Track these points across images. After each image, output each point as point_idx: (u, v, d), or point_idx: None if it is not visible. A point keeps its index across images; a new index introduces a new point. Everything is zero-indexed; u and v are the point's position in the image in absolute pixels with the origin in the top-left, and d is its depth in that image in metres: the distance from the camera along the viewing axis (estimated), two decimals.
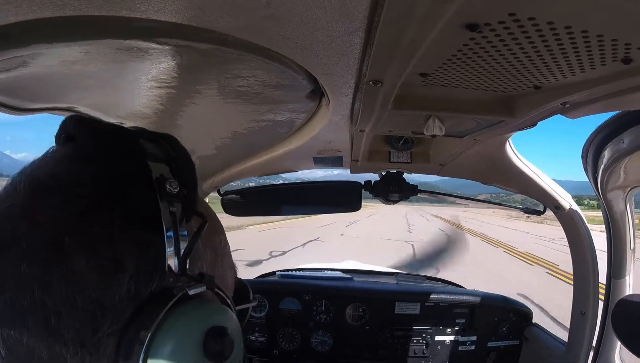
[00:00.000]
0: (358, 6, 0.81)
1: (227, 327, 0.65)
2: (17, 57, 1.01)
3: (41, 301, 0.58)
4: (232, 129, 1.96)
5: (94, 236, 0.62)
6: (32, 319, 0.58)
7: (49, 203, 0.63)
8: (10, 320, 0.58)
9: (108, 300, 0.61)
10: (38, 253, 0.59)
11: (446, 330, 3.32)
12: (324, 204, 3.14)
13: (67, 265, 0.59)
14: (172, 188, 0.67)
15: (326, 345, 3.31)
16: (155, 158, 0.70)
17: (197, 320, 0.64)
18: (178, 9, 0.85)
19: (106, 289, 0.61)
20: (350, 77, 1.17)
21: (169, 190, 0.66)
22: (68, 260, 0.59)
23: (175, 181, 0.67)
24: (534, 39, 0.87)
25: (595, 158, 1.90)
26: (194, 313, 0.64)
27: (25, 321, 0.58)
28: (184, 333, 0.62)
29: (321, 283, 3.51)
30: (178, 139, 0.81)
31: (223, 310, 0.69)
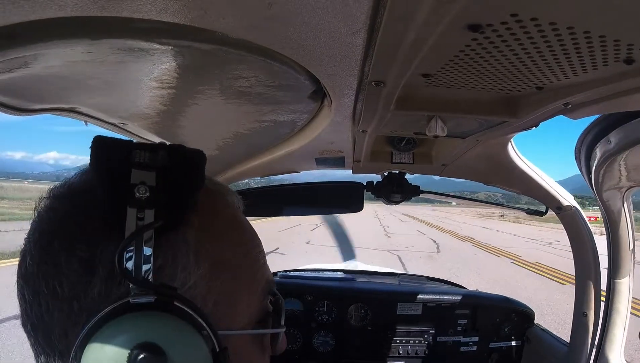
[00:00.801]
0: (360, 7, 0.81)
1: (161, 345, 0.61)
2: (19, 58, 1.01)
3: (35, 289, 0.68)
4: (234, 129, 1.96)
5: (73, 239, 0.67)
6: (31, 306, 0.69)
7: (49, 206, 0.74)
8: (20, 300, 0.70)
9: (83, 296, 0.65)
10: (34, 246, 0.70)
11: (448, 330, 3.32)
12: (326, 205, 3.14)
13: (52, 258, 0.67)
14: (141, 194, 0.66)
15: (328, 346, 3.31)
16: (144, 166, 0.68)
17: (128, 332, 0.61)
18: (180, 10, 0.85)
19: (81, 285, 0.65)
20: (353, 78, 1.17)
21: (138, 196, 0.66)
22: (52, 253, 0.67)
23: (146, 186, 0.66)
24: (536, 39, 0.87)
25: (587, 158, 1.90)
26: (127, 324, 0.62)
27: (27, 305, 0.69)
28: (112, 344, 0.60)
29: (323, 283, 3.52)
30: (179, 139, 0.82)
31: (164, 325, 0.63)
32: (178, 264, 0.69)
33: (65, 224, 0.69)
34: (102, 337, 0.60)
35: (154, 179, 0.67)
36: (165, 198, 0.67)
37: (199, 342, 0.64)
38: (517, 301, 3.50)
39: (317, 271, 4.15)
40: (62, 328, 0.66)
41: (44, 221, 0.72)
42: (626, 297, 2.39)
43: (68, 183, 0.77)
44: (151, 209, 0.66)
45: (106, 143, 0.71)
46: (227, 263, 0.78)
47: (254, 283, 0.83)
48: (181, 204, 0.71)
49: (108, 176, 0.68)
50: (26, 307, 0.69)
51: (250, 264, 0.83)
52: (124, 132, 1.90)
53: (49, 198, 0.75)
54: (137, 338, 0.60)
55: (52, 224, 0.71)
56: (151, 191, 0.66)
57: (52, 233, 0.69)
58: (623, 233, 2.29)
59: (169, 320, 0.63)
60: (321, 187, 2.98)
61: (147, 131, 1.91)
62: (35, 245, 0.70)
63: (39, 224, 0.72)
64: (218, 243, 0.77)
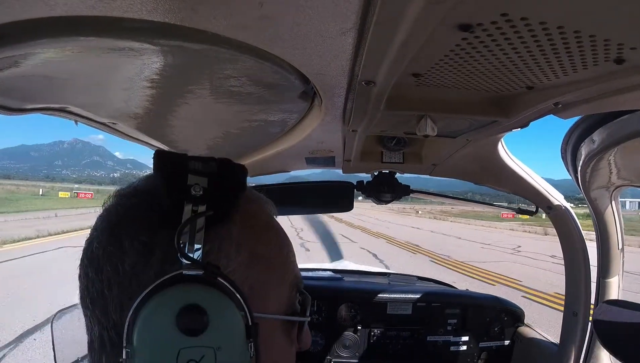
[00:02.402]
0: (351, 6, 0.80)
1: (204, 306, 0.73)
2: (9, 58, 1.01)
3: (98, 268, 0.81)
4: (224, 129, 1.96)
5: (137, 227, 0.81)
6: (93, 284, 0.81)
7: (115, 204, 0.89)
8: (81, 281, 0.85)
9: (141, 275, 0.78)
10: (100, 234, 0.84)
11: (438, 330, 3.33)
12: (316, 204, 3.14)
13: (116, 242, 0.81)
14: (196, 192, 0.80)
15: (318, 346, 3.30)
16: (198, 172, 0.83)
17: (178, 296, 0.73)
18: (170, 9, 0.85)
19: (140, 265, 0.79)
20: (343, 77, 1.17)
21: (193, 194, 0.80)
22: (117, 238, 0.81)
23: (200, 187, 0.80)
24: (526, 39, 0.87)
25: (573, 157, 1.91)
26: (176, 291, 0.74)
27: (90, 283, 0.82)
28: (163, 306, 0.73)
29: (313, 283, 3.51)
30: (169, 139, 0.96)
31: (208, 293, 0.75)
32: (222, 252, 0.83)
33: (131, 215, 0.84)
34: (157, 300, 0.73)
35: (206, 183, 0.82)
36: (214, 197, 0.82)
37: (235, 312, 0.76)
38: (507, 301, 3.51)
39: (307, 270, 4.14)
40: (119, 302, 0.78)
41: (112, 214, 0.86)
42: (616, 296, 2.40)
43: (133, 185, 0.92)
44: (203, 205, 0.80)
45: (167, 155, 0.89)
46: (262, 257, 0.90)
47: (284, 276, 0.95)
48: (227, 204, 0.85)
49: (170, 178, 0.83)
50: (87, 284, 0.83)
51: (282, 260, 0.96)
52: (114, 131, 1.89)
53: (115, 196, 0.90)
54: (185, 300, 0.73)
55: (118, 215, 0.85)
56: (204, 191, 0.81)
57: (119, 222, 0.84)
58: (612, 232, 2.30)
59: (212, 291, 0.75)
60: (311, 187, 2.98)
61: (137, 130, 1.91)
62: (102, 232, 0.84)
63: (107, 216, 0.86)
64: (255, 239, 0.90)
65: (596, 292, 2.46)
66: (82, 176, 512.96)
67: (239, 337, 0.76)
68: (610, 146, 1.57)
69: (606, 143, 1.58)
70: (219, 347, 0.73)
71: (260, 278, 0.88)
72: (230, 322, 0.75)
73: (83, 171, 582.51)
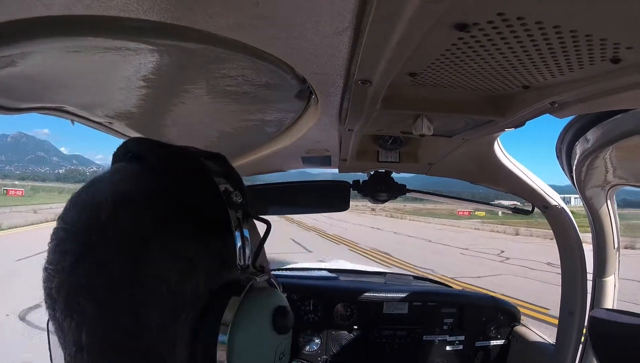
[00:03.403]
0: (347, 6, 0.80)
1: (286, 306, 0.82)
2: (6, 57, 1.01)
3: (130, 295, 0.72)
4: (221, 128, 1.96)
5: (173, 240, 0.75)
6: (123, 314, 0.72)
7: (135, 212, 0.76)
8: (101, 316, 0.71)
9: (186, 292, 0.75)
10: (126, 252, 0.72)
11: (434, 329, 3.32)
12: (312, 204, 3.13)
13: (152, 262, 0.73)
14: (237, 199, 0.82)
15: (314, 345, 3.30)
16: (217, 174, 0.84)
17: (266, 302, 0.80)
18: (167, 9, 0.85)
19: (183, 283, 0.75)
20: (339, 76, 1.17)
21: (235, 200, 0.81)
22: (153, 258, 0.73)
23: (238, 192, 0.83)
24: (522, 38, 0.87)
25: (568, 156, 1.91)
26: (263, 297, 0.81)
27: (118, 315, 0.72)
28: (257, 313, 0.78)
29: (309, 282, 3.51)
30: (166, 138, 0.93)
31: (281, 294, 0.85)
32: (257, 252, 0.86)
33: (160, 226, 0.76)
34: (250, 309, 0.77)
35: (231, 187, 0.83)
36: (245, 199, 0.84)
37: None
38: (503, 301, 3.51)
39: (303, 270, 4.14)
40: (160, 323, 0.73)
41: (128, 225, 0.75)
42: (612, 296, 2.41)
43: (140, 187, 0.81)
44: (241, 210, 0.82)
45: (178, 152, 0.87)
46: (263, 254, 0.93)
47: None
48: (249, 205, 0.86)
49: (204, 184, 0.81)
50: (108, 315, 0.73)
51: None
52: (110, 131, 1.89)
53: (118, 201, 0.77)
54: (273, 304, 0.81)
55: (142, 228, 0.75)
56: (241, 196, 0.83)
57: (145, 235, 0.74)
58: (608, 231, 2.30)
59: (277, 289, 0.86)
60: (307, 186, 2.98)
61: (133, 130, 1.91)
62: (122, 247, 0.73)
63: (121, 228, 0.74)
64: (257, 234, 0.92)
65: (592, 291, 2.46)
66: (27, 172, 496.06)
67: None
68: (605, 145, 1.57)
69: (600, 142, 1.58)
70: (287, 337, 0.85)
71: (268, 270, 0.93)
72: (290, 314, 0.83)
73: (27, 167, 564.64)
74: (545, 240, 35.54)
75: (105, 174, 0.85)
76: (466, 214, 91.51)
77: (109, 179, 0.83)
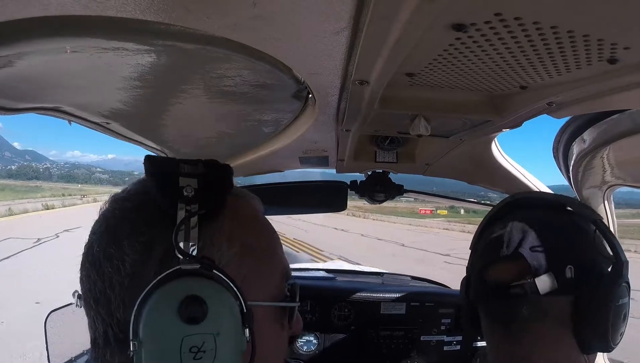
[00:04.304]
0: (344, 6, 0.80)
1: (202, 296, 0.79)
2: (3, 57, 1.01)
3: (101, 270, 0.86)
4: (218, 128, 1.96)
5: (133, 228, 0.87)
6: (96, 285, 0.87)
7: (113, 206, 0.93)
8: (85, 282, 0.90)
9: (142, 273, 0.84)
10: (101, 236, 0.90)
11: (432, 330, 3.31)
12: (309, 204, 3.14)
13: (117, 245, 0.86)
14: (188, 193, 0.86)
15: (311, 345, 3.29)
16: (187, 174, 0.90)
17: (177, 288, 0.79)
18: (164, 9, 0.84)
19: (139, 265, 0.84)
20: (336, 77, 1.17)
21: (186, 194, 0.86)
22: (117, 241, 0.86)
23: (192, 188, 0.87)
24: (520, 39, 0.88)
25: (565, 156, 1.91)
26: (176, 284, 0.80)
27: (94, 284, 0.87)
28: (165, 298, 0.78)
29: (306, 283, 3.49)
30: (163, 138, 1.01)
31: (205, 284, 0.81)
32: (215, 246, 0.89)
33: (128, 217, 0.89)
34: (159, 293, 0.79)
35: (196, 184, 0.88)
36: (205, 196, 0.88)
37: (231, 301, 0.83)
38: None
39: (300, 270, 4.14)
40: (121, 300, 0.84)
41: (109, 217, 0.91)
42: None
43: (127, 189, 0.97)
44: (196, 204, 0.86)
45: (158, 159, 0.95)
46: (253, 248, 0.97)
47: (274, 266, 1.01)
48: (216, 202, 0.91)
49: (163, 181, 0.89)
50: (90, 285, 0.87)
51: (272, 251, 1.03)
52: (107, 131, 1.89)
53: (110, 201, 0.95)
54: (185, 292, 0.79)
55: (116, 218, 0.90)
56: (195, 191, 0.87)
57: (117, 225, 0.89)
58: None
59: (209, 282, 0.82)
60: (304, 186, 2.98)
61: (130, 130, 1.91)
62: (102, 235, 0.89)
63: (105, 220, 0.91)
64: (245, 231, 0.97)
65: None
66: None
67: (236, 324, 0.83)
68: (601, 145, 1.58)
69: (597, 142, 1.59)
70: (218, 333, 0.80)
71: (253, 268, 0.95)
72: (227, 310, 0.82)
73: None
74: None
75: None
76: (428, 212, 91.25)
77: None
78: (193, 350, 0.79)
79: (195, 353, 0.79)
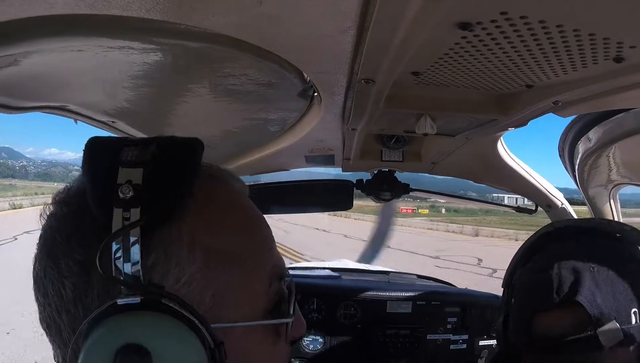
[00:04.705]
0: (350, 5, 0.80)
1: (146, 345, 0.61)
2: (9, 56, 1.01)
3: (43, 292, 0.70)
4: (224, 127, 1.96)
5: (70, 243, 0.68)
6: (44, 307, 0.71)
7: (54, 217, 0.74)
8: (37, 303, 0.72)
9: (85, 299, 0.67)
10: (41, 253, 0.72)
11: (438, 328, 3.31)
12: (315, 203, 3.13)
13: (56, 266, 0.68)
14: (125, 194, 0.65)
15: (317, 344, 3.29)
16: (131, 164, 0.69)
17: (113, 334, 0.62)
18: (169, 8, 0.85)
19: (83, 289, 0.67)
20: (342, 75, 1.17)
21: (122, 197, 0.65)
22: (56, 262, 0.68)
23: (130, 186, 0.66)
24: (525, 37, 0.87)
25: (570, 155, 1.91)
26: (112, 326, 0.62)
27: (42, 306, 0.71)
28: (96, 349, 0.61)
29: (312, 281, 3.49)
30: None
31: (149, 324, 0.63)
32: (171, 259, 0.68)
33: (63, 228, 0.70)
34: (92, 340, 0.61)
35: (140, 177, 0.67)
36: (151, 194, 0.67)
37: (190, 338, 0.63)
38: None
39: (305, 269, 4.13)
40: (71, 328, 0.67)
41: (47, 227, 0.73)
42: None
43: (68, 187, 0.77)
44: (137, 208, 0.65)
45: (97, 143, 0.75)
46: (226, 253, 0.75)
47: (258, 270, 0.80)
48: (169, 199, 0.69)
49: (95, 177, 0.70)
50: (40, 308, 0.72)
51: (254, 251, 0.81)
52: (113, 130, 1.89)
53: (52, 204, 0.75)
54: (121, 340, 0.61)
55: (52, 230, 0.72)
56: (135, 189, 0.66)
57: (53, 238, 0.70)
58: None
59: (156, 319, 0.63)
60: (310, 185, 2.98)
61: (136, 129, 1.91)
62: (41, 250, 0.72)
63: (43, 231, 0.73)
64: (216, 232, 0.76)
65: None
66: None
67: None
68: (607, 144, 1.58)
69: (602, 141, 1.58)
70: None
71: (226, 280, 0.74)
72: (182, 355, 0.63)
73: None
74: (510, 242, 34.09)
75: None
76: (410, 211, 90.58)
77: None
78: None
79: None
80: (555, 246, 1.32)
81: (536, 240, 1.39)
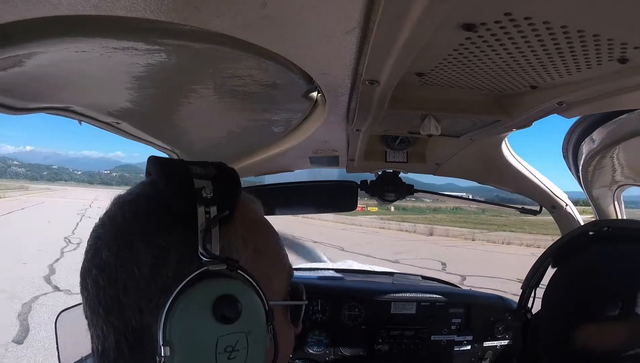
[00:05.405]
0: (354, 6, 0.80)
1: (235, 296, 0.80)
2: (14, 57, 1.01)
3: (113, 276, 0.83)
4: (228, 128, 1.96)
5: (148, 232, 0.85)
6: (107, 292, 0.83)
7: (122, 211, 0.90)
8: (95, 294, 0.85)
9: (159, 277, 0.82)
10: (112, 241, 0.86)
11: (442, 329, 3.30)
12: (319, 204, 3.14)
13: (130, 249, 0.83)
14: (207, 194, 0.85)
15: (322, 345, 3.29)
16: (201, 176, 0.88)
17: (209, 289, 0.79)
18: (174, 9, 0.85)
19: (157, 268, 0.82)
20: (347, 76, 1.17)
21: (205, 196, 0.85)
22: (131, 245, 0.84)
23: (210, 189, 0.86)
24: (530, 38, 0.88)
25: (574, 156, 1.91)
26: (208, 284, 0.80)
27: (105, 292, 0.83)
28: (197, 299, 0.78)
29: (316, 282, 3.49)
30: (173, 138, 1.00)
31: (235, 284, 0.82)
32: (232, 248, 0.89)
33: (142, 220, 0.87)
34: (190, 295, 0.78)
35: (211, 186, 0.87)
36: (221, 198, 0.87)
37: (258, 299, 0.84)
38: (511, 300, 3.49)
39: (310, 270, 4.13)
40: (137, 306, 0.82)
41: (120, 221, 0.88)
42: None
43: (133, 191, 0.95)
44: (214, 206, 0.85)
45: (164, 161, 0.95)
46: (264, 251, 0.97)
47: (281, 267, 1.03)
48: (232, 203, 0.90)
49: (179, 183, 0.87)
50: (99, 293, 0.84)
51: (277, 253, 1.04)
52: (118, 131, 1.89)
53: (116, 204, 0.93)
54: (218, 292, 0.79)
55: (128, 221, 0.87)
56: (213, 193, 0.86)
57: (130, 228, 0.86)
58: None
59: (237, 283, 0.82)
60: (315, 186, 2.98)
61: (140, 130, 1.91)
62: (112, 239, 0.86)
63: (114, 224, 0.88)
64: (256, 234, 0.97)
65: None
66: None
67: (263, 322, 0.84)
68: (611, 145, 1.57)
69: (606, 142, 1.58)
70: (250, 332, 0.81)
71: (264, 270, 0.93)
72: (256, 309, 0.83)
73: None
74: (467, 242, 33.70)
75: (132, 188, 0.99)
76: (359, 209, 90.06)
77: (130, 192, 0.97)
78: (227, 350, 0.80)
79: (230, 352, 0.80)
80: (603, 248, 1.22)
81: (573, 239, 1.29)
